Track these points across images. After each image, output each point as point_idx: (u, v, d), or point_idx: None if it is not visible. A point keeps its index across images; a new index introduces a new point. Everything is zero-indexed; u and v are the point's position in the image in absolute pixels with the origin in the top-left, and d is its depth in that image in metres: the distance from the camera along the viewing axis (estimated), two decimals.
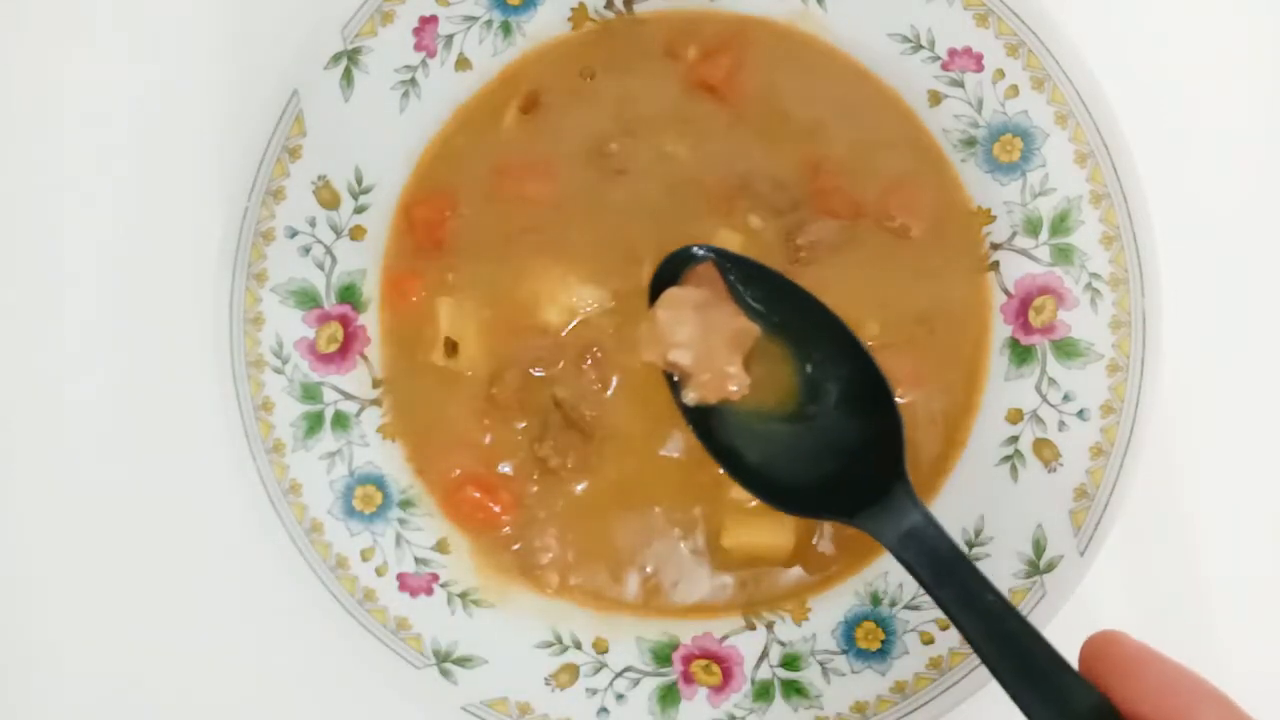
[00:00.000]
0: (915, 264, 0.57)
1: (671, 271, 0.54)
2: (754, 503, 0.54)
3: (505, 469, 0.57)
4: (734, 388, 0.52)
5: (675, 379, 0.53)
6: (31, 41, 0.62)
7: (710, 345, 0.51)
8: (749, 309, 0.53)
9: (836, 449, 0.51)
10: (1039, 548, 0.54)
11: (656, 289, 0.54)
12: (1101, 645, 0.38)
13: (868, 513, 0.47)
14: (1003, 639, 0.42)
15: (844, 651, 0.54)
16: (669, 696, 0.55)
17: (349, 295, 0.57)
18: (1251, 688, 0.58)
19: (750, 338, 0.52)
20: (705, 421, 0.53)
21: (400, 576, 0.56)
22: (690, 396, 0.52)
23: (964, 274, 0.57)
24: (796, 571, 0.56)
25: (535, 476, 0.57)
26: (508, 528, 0.57)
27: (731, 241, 0.56)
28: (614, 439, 0.56)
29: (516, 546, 0.57)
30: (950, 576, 0.44)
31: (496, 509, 0.56)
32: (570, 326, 0.57)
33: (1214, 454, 0.59)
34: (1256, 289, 0.60)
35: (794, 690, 0.54)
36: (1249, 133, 0.61)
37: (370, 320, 0.58)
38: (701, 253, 0.54)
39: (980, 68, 0.56)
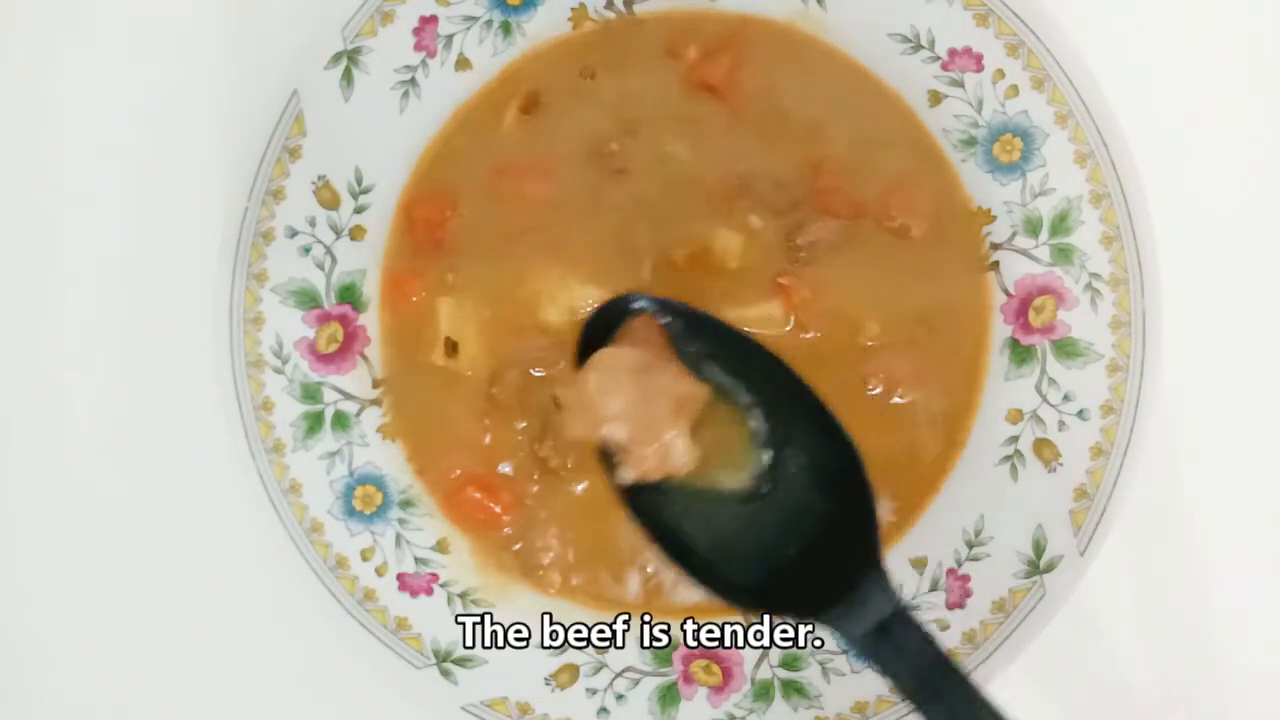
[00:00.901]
0: (915, 264, 0.57)
1: (604, 326, 0.47)
2: None
3: (505, 469, 0.57)
4: (679, 463, 0.43)
5: (611, 455, 0.46)
6: (31, 41, 0.62)
7: (649, 414, 0.43)
8: (695, 367, 0.46)
9: (799, 533, 0.44)
10: (1039, 547, 0.54)
11: (587, 348, 0.47)
12: None
13: (836, 610, 0.40)
14: None
15: (844, 651, 0.54)
16: (669, 696, 0.55)
17: (349, 295, 0.57)
18: (1251, 688, 0.59)
19: (697, 403, 0.44)
20: (646, 501, 0.45)
21: (400, 576, 0.56)
22: (626, 475, 0.44)
23: (964, 274, 0.57)
24: None
25: (535, 476, 0.56)
26: (508, 528, 0.57)
27: (732, 241, 0.56)
28: None
29: (517, 546, 0.56)
30: (936, 689, 0.39)
31: (497, 509, 0.56)
32: (571, 327, 0.57)
33: (1214, 454, 0.59)
34: (1256, 289, 0.60)
35: (794, 690, 0.54)
36: (1249, 133, 0.60)
37: (370, 320, 0.58)
38: (639, 305, 0.47)
39: (980, 68, 0.56)
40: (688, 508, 0.44)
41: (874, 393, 0.55)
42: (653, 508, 0.45)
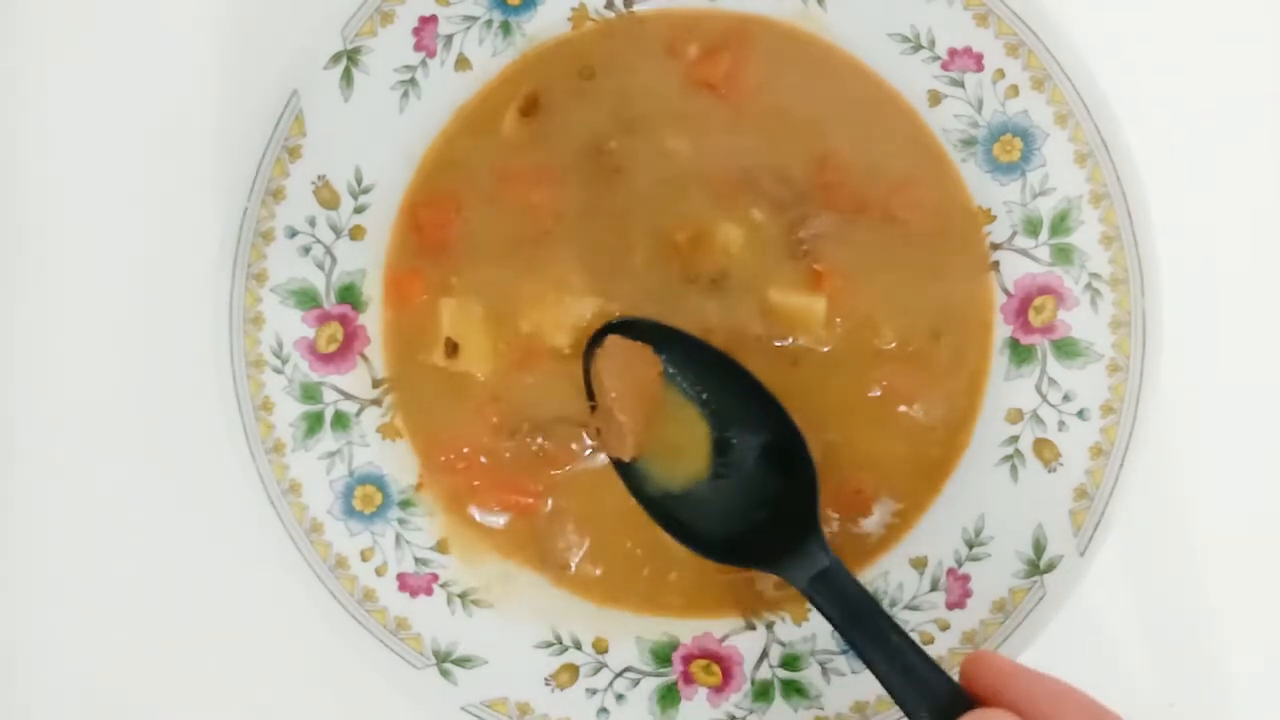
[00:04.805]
0: (919, 263, 0.56)
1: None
2: None
3: (506, 468, 0.57)
4: (623, 447, 0.53)
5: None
6: (31, 41, 0.62)
7: (614, 403, 0.53)
8: (669, 375, 0.54)
9: (758, 503, 0.53)
10: (1039, 548, 0.54)
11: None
12: (977, 663, 0.44)
13: (787, 559, 0.50)
14: (905, 671, 0.46)
15: (844, 651, 0.54)
16: (669, 697, 0.55)
17: (349, 295, 0.57)
18: (1251, 688, 0.59)
19: (648, 400, 0.53)
20: (639, 476, 0.54)
21: (400, 576, 0.56)
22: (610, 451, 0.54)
23: (968, 274, 0.57)
24: None
25: (537, 474, 0.56)
26: (507, 522, 0.57)
27: (734, 235, 0.56)
28: None
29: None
30: (858, 617, 0.48)
31: (497, 507, 0.57)
32: (574, 328, 0.56)
33: (1214, 454, 0.59)
34: (1256, 288, 0.60)
35: (794, 690, 0.54)
36: (1250, 133, 0.60)
37: (370, 320, 0.57)
38: (616, 327, 0.54)
39: (980, 67, 0.56)
40: (668, 482, 0.54)
41: (874, 395, 0.56)
42: (645, 480, 0.54)
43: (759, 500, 0.53)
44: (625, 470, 0.54)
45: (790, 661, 0.55)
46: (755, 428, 0.53)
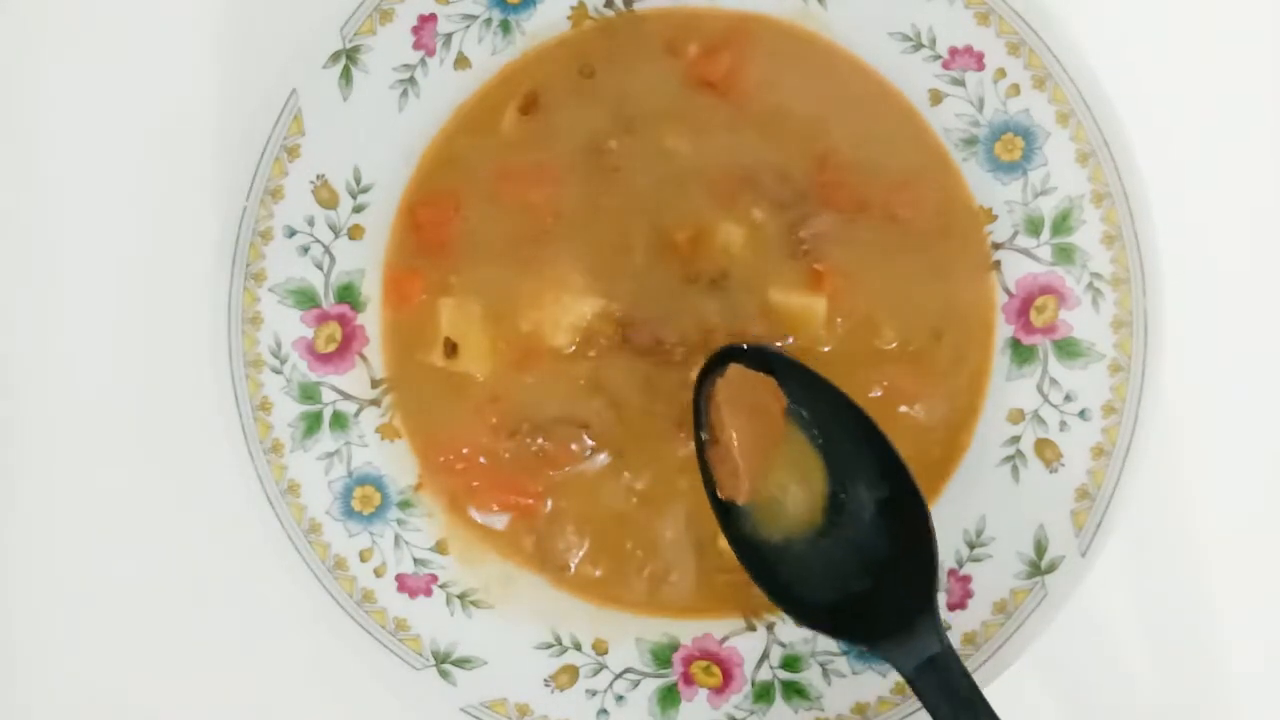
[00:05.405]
0: (920, 263, 0.56)
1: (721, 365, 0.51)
2: None
3: (505, 469, 0.56)
4: (739, 494, 0.50)
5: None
6: (31, 41, 0.62)
7: (731, 440, 0.50)
8: (792, 413, 0.51)
9: (866, 571, 0.49)
10: (1040, 548, 0.54)
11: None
12: None
13: (891, 641, 0.46)
14: None
15: (845, 653, 0.54)
16: (669, 698, 0.55)
17: (347, 295, 0.57)
18: (1251, 688, 0.59)
19: (770, 442, 0.49)
20: (736, 520, 0.51)
21: (399, 577, 0.55)
22: (722, 492, 0.51)
23: (969, 274, 0.56)
24: None
25: (536, 474, 0.56)
26: (507, 522, 0.57)
27: (734, 235, 0.56)
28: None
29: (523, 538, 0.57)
30: (966, 714, 0.45)
31: (496, 508, 0.56)
32: (574, 328, 0.56)
33: (1215, 454, 0.59)
34: (1258, 288, 0.60)
35: (794, 691, 0.54)
36: (1252, 132, 0.60)
37: (369, 320, 0.57)
38: (733, 358, 0.51)
39: (981, 66, 0.56)
40: (775, 530, 0.51)
41: (875, 395, 0.55)
42: (745, 524, 0.51)
43: (867, 567, 0.49)
44: (724, 509, 0.51)
45: (791, 663, 0.55)
46: (873, 486, 0.49)
